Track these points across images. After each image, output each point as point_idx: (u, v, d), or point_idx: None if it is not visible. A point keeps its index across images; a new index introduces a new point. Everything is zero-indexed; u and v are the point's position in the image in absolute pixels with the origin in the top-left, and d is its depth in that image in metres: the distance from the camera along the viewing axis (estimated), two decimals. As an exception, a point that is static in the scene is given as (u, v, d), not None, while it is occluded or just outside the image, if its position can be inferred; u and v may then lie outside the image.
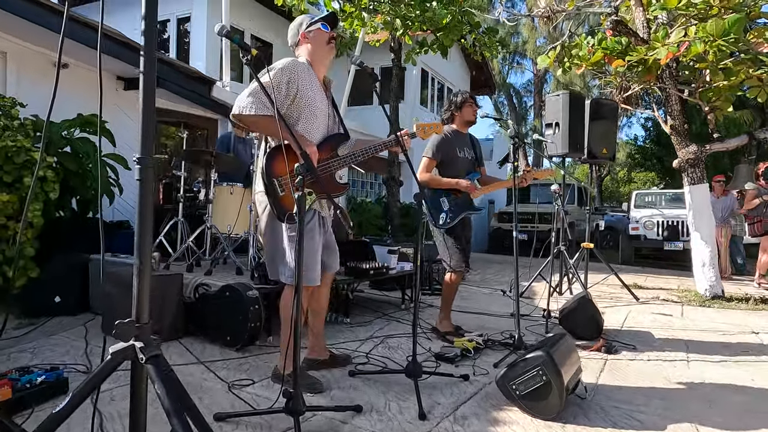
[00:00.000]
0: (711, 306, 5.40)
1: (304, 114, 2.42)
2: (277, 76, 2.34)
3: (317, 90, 2.48)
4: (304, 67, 2.45)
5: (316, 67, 2.54)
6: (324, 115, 2.52)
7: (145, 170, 1.32)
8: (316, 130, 2.48)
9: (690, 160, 5.81)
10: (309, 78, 2.45)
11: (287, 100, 2.37)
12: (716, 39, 4.78)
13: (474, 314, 4.50)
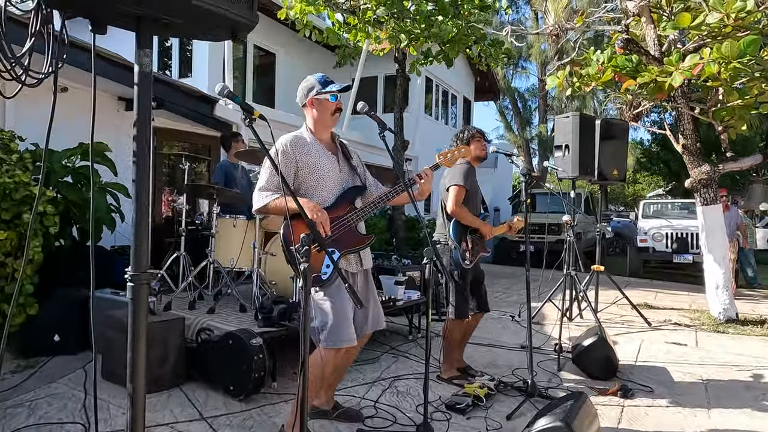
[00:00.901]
0: (726, 332, 5.27)
1: (310, 182, 2.46)
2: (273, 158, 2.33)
3: (320, 154, 2.49)
4: (298, 141, 2.48)
5: (320, 131, 2.56)
6: (332, 175, 2.51)
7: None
8: (327, 191, 2.48)
9: (703, 180, 5.68)
10: (307, 148, 2.48)
11: (289, 177, 2.41)
12: (731, 61, 4.66)
13: (484, 346, 4.39)
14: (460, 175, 3.30)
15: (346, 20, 8.10)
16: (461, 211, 3.27)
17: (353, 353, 2.64)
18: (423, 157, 12.65)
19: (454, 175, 3.34)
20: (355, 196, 2.54)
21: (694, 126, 5.70)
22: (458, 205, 3.25)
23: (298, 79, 9.78)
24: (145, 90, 1.10)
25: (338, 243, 2.40)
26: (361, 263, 2.55)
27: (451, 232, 3.31)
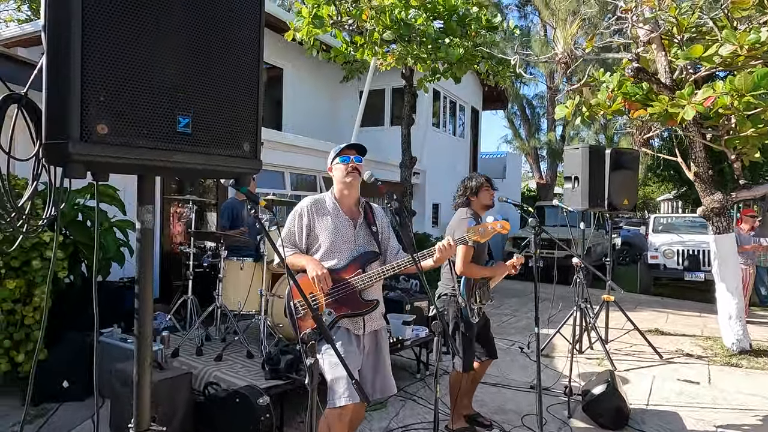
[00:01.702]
0: (739, 364, 5.18)
1: (324, 244, 2.53)
2: (292, 220, 2.60)
3: (337, 219, 2.56)
4: (319, 205, 2.58)
5: (341, 194, 2.60)
6: (346, 239, 2.54)
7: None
8: (339, 254, 2.52)
9: (715, 209, 5.59)
10: (325, 211, 2.56)
11: (303, 237, 2.56)
12: (744, 94, 4.58)
13: (493, 386, 4.35)
14: (463, 225, 3.26)
15: (353, 39, 8.08)
16: (470, 269, 3.23)
17: (359, 415, 2.61)
18: (431, 171, 12.62)
19: (456, 224, 3.31)
20: (368, 261, 2.53)
21: (706, 154, 5.62)
22: (466, 265, 3.22)
23: (306, 93, 9.89)
24: (148, 243, 1.08)
25: (338, 305, 2.43)
26: (365, 327, 2.52)
27: (461, 289, 3.28)
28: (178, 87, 0.95)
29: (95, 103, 0.85)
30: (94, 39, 0.86)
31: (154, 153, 0.93)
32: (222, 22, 1.03)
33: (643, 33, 5.51)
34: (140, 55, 0.90)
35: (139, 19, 0.90)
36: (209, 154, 1.01)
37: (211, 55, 1.01)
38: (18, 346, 3.69)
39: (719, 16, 5.40)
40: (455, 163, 14.32)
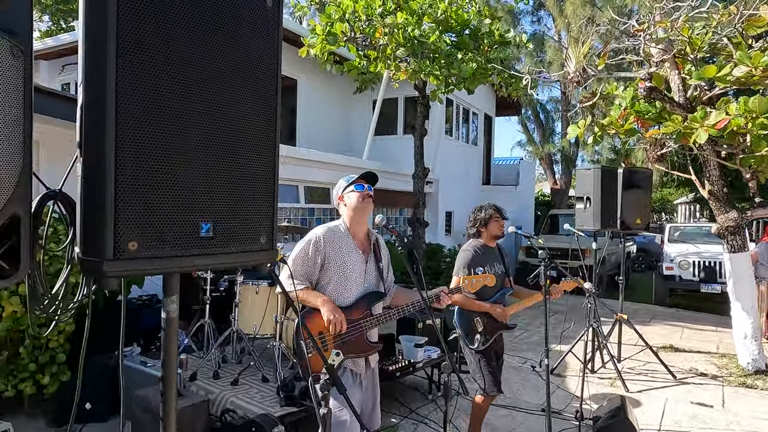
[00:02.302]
0: (754, 385, 5.15)
1: (335, 278, 2.49)
2: (305, 248, 2.48)
3: (350, 252, 2.52)
4: (332, 235, 2.52)
5: (354, 226, 2.58)
6: (357, 276, 2.53)
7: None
8: (348, 291, 2.51)
9: (730, 227, 5.56)
10: (339, 243, 2.51)
11: (316, 268, 2.48)
12: (759, 116, 4.56)
13: (504, 408, 4.39)
14: (464, 264, 3.32)
15: (366, 53, 8.15)
16: (459, 298, 3.26)
17: None
18: (444, 180, 12.64)
19: (457, 264, 3.37)
20: (374, 302, 2.56)
21: (721, 172, 5.58)
22: (460, 296, 3.26)
23: (319, 103, 9.99)
24: (172, 331, 1.16)
25: (345, 346, 2.41)
26: (368, 364, 2.57)
27: (456, 320, 3.34)
28: (201, 197, 1.03)
29: (126, 222, 0.93)
30: (125, 161, 0.94)
31: (178, 260, 1.01)
32: (241, 134, 1.10)
33: (656, 51, 5.50)
34: (168, 175, 0.98)
35: (165, 143, 0.98)
36: (229, 253, 1.09)
37: (231, 163, 1.09)
38: (43, 369, 3.83)
39: (734, 33, 5.37)
40: (468, 171, 14.32)
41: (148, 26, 0.93)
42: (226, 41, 1.08)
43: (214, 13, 1.04)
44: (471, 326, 3.38)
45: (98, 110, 0.93)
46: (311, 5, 7.78)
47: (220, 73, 1.06)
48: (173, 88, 1.00)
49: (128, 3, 0.90)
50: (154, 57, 0.95)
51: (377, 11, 6.94)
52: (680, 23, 5.02)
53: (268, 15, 1.17)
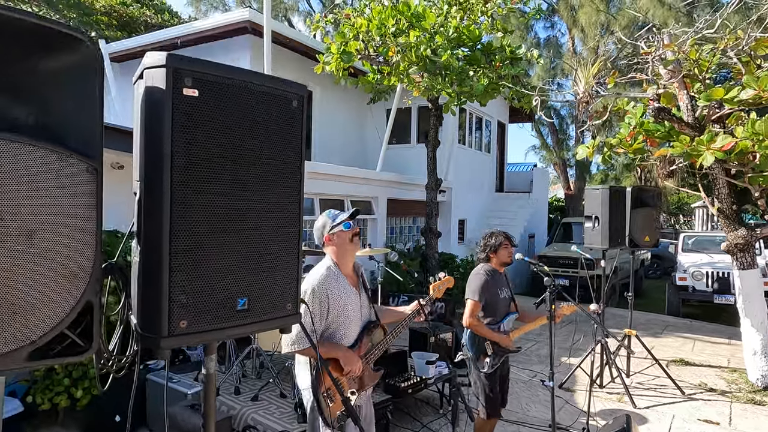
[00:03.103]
0: (762, 402, 5.21)
1: (339, 322, 2.54)
2: (310, 300, 2.43)
3: (346, 291, 2.57)
4: (329, 277, 2.54)
5: (343, 264, 2.62)
6: (356, 311, 2.62)
7: None
8: (352, 330, 2.59)
9: (739, 245, 5.62)
10: (337, 285, 2.54)
11: (323, 319, 2.49)
12: (765, 138, 4.64)
13: (512, 423, 4.53)
14: (477, 288, 3.46)
15: (380, 69, 8.33)
16: (476, 325, 3.42)
17: None
18: (457, 187, 12.77)
19: (470, 287, 3.51)
20: (372, 332, 2.67)
21: (730, 190, 5.65)
22: (473, 318, 3.42)
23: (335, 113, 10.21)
24: (211, 386, 1.35)
25: (358, 384, 2.52)
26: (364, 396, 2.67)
27: (467, 342, 3.50)
28: (238, 278, 1.22)
29: (178, 306, 1.12)
30: (177, 254, 1.13)
31: (219, 332, 1.20)
32: (270, 219, 1.29)
33: (665, 72, 5.59)
34: (210, 263, 1.17)
35: (209, 238, 1.17)
36: (261, 321, 1.28)
37: (262, 247, 1.27)
38: (76, 383, 4.07)
39: (743, 54, 5.44)
40: (482, 178, 14.43)
41: (196, 150, 1.12)
42: (260, 139, 1.27)
43: (251, 121, 1.22)
44: (481, 349, 3.53)
45: (155, 206, 1.13)
46: (327, 24, 7.97)
47: (255, 171, 1.25)
48: (215, 184, 1.19)
49: (180, 136, 1.09)
50: (200, 170, 1.14)
51: (390, 30, 7.12)
52: (687, 46, 5.11)
53: (294, 111, 1.34)
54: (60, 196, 1.02)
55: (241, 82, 1.21)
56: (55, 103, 1.04)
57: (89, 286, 1.08)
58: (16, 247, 0.96)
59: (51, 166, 1.01)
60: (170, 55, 1.10)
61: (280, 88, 1.30)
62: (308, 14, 25.81)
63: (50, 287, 1.02)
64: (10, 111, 0.99)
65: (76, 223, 1.05)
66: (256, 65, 9.86)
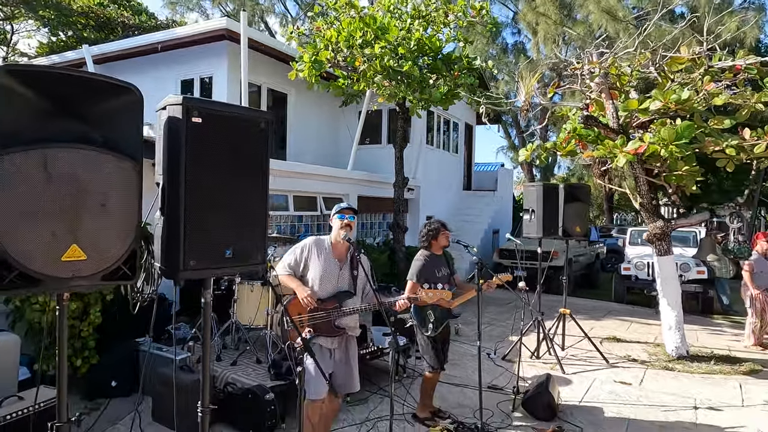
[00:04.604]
0: (674, 368, 6.09)
1: (314, 275, 3.38)
2: (296, 249, 3.41)
3: (329, 259, 3.41)
4: (317, 244, 3.43)
5: (335, 241, 3.45)
6: (331, 278, 3.41)
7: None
8: (324, 287, 3.38)
9: (657, 234, 6.50)
10: (320, 251, 3.41)
11: (300, 265, 3.40)
12: (670, 143, 5.50)
13: (456, 386, 5.29)
14: (416, 271, 4.19)
15: (350, 75, 9.01)
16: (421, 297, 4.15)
17: (332, 406, 3.54)
18: (425, 185, 13.54)
19: (411, 271, 4.24)
20: (344, 299, 3.41)
21: (649, 187, 6.52)
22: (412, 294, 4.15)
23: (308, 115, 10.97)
24: (208, 310, 2.04)
25: (317, 329, 3.30)
26: (340, 345, 3.45)
27: (412, 312, 4.23)
28: (226, 235, 1.91)
29: (189, 251, 1.81)
30: (189, 218, 1.82)
31: (214, 270, 1.89)
32: (246, 197, 1.99)
33: (594, 85, 6.44)
34: (209, 224, 1.87)
35: (208, 207, 1.86)
36: (241, 266, 1.97)
37: (242, 214, 1.97)
38: (77, 353, 4.68)
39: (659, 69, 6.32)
40: (449, 177, 15.25)
41: (200, 156, 1.82)
42: (240, 148, 1.97)
43: (235, 136, 1.92)
44: (424, 317, 4.26)
45: (174, 191, 1.81)
46: (300, 35, 8.63)
47: (236, 165, 1.95)
48: (212, 177, 1.88)
49: (191, 147, 1.79)
50: (204, 164, 1.83)
51: (358, 42, 7.82)
52: (608, 64, 5.95)
53: (261, 130, 2.04)
54: (119, 184, 1.71)
55: (228, 112, 1.91)
56: (115, 126, 1.72)
57: (134, 240, 1.77)
58: (97, 212, 1.65)
59: (113, 165, 1.70)
60: (185, 97, 1.78)
61: (253, 115, 2.01)
62: (284, 16, 26.35)
63: (114, 238, 1.71)
64: (90, 134, 1.68)
65: (128, 200, 1.74)
66: (232, 69, 10.44)
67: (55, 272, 1.58)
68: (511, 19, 21.08)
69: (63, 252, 1.59)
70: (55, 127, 1.57)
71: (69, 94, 1.58)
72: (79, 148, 1.61)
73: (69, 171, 1.59)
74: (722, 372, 5.98)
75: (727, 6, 15.94)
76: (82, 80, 1.61)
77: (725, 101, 5.59)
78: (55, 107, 1.56)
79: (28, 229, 1.53)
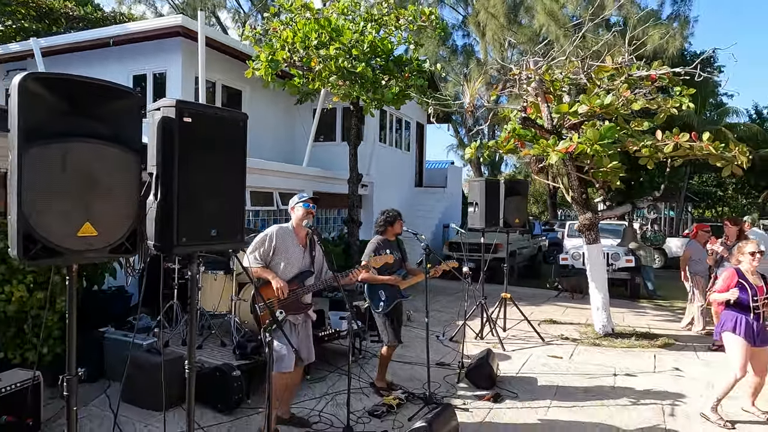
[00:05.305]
0: (600, 344, 6.83)
1: (281, 260, 3.75)
2: (263, 238, 3.72)
3: (293, 244, 3.80)
4: (281, 231, 3.78)
5: (297, 228, 3.84)
6: (297, 260, 3.82)
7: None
8: (290, 270, 3.78)
9: (586, 224, 7.23)
10: (285, 237, 3.79)
11: (268, 253, 3.72)
12: (595, 142, 6.19)
13: (408, 364, 5.77)
14: (370, 252, 4.63)
15: (305, 74, 9.32)
16: (366, 275, 4.56)
17: (297, 377, 3.94)
18: (378, 182, 14.01)
19: (366, 252, 4.67)
20: (306, 278, 3.84)
21: (580, 183, 7.24)
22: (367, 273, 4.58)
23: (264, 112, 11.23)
24: (194, 282, 2.38)
25: (286, 307, 3.66)
26: (304, 319, 3.85)
27: (366, 293, 4.66)
28: (212, 217, 2.27)
29: (181, 230, 2.16)
30: (181, 202, 2.17)
31: (202, 246, 2.24)
32: (228, 185, 2.36)
33: (531, 89, 7.08)
34: (198, 207, 2.22)
35: (196, 193, 2.22)
36: (223, 244, 2.34)
37: (224, 200, 2.33)
38: (43, 342, 4.81)
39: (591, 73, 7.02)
40: (402, 174, 15.79)
41: (189, 149, 2.16)
42: (223, 143, 2.33)
43: (219, 133, 2.28)
44: (376, 296, 4.70)
45: (168, 179, 2.15)
46: (256, 34, 8.87)
47: (220, 158, 2.30)
48: (200, 169, 2.23)
49: (182, 143, 2.13)
50: (193, 157, 2.18)
51: (313, 43, 8.16)
52: (542, 71, 6.59)
53: (240, 128, 2.41)
54: (123, 172, 2.04)
55: (213, 113, 2.27)
56: (120, 124, 2.05)
57: (135, 220, 2.10)
58: (105, 196, 1.98)
59: (119, 155, 2.03)
60: (178, 100, 2.13)
61: (234, 115, 2.38)
62: (236, 11, 26.15)
63: (119, 217, 2.04)
64: (98, 128, 2.00)
65: (130, 186, 2.07)
66: (187, 66, 10.50)
67: (72, 245, 1.90)
68: (460, 22, 21.88)
69: (78, 228, 1.91)
70: (70, 125, 1.89)
71: (83, 96, 1.91)
72: (90, 142, 1.93)
73: (82, 161, 1.90)
74: (641, 346, 6.76)
75: (655, 18, 17.31)
76: (93, 86, 1.93)
77: (642, 106, 6.35)
78: (71, 108, 1.88)
79: (50, 209, 1.84)
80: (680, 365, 5.94)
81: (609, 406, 4.65)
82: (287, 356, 3.62)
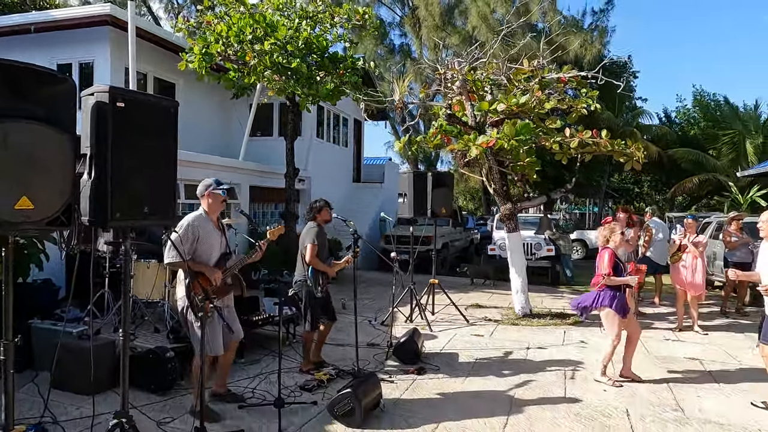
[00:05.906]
0: (518, 323, 7.45)
1: (204, 249, 3.87)
2: (185, 231, 3.73)
3: (211, 230, 3.93)
4: (198, 220, 3.86)
5: (212, 214, 3.97)
6: (217, 244, 3.97)
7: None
8: (212, 255, 3.93)
9: (506, 214, 7.84)
10: (205, 224, 3.89)
11: (193, 244, 3.80)
12: (511, 138, 6.76)
13: (340, 346, 6.09)
14: (312, 236, 4.91)
15: (240, 68, 9.37)
16: (315, 261, 4.86)
17: (229, 357, 4.15)
18: (316, 177, 14.19)
19: (308, 236, 4.94)
20: (227, 260, 4.03)
21: (501, 176, 7.82)
22: (313, 258, 4.85)
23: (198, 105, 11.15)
24: (127, 261, 2.58)
25: (217, 292, 3.86)
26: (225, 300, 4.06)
27: (310, 275, 4.93)
28: (145, 195, 2.48)
29: (114, 205, 2.36)
30: (114, 180, 2.37)
31: (134, 222, 2.44)
32: (160, 165, 2.57)
33: (456, 87, 7.58)
34: (131, 185, 2.42)
35: (130, 172, 2.42)
36: (155, 219, 2.54)
37: (157, 181, 2.54)
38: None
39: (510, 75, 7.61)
40: (340, 170, 16.05)
41: (122, 132, 2.36)
42: (154, 127, 2.53)
43: (150, 119, 2.49)
44: (317, 280, 4.96)
45: (102, 160, 2.34)
46: (189, 27, 8.84)
47: (151, 141, 2.51)
48: (132, 151, 2.43)
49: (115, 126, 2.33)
50: (126, 139, 2.38)
51: (248, 37, 8.27)
52: (465, 71, 7.10)
53: (171, 114, 2.62)
54: (59, 151, 2.22)
55: (145, 99, 2.48)
56: (56, 106, 2.22)
57: (70, 196, 2.28)
58: (42, 176, 2.15)
59: (54, 136, 2.21)
60: (111, 87, 2.32)
61: (165, 102, 2.59)
62: (169, 2, 25.33)
63: (55, 193, 2.21)
64: (35, 111, 2.16)
65: (65, 164, 2.25)
66: (115, 56, 10.24)
67: (10, 218, 2.06)
68: (398, 22, 22.41)
69: (16, 202, 2.08)
70: (10, 107, 2.05)
71: (21, 80, 2.08)
72: (28, 123, 2.10)
73: (21, 140, 2.08)
74: (554, 324, 7.44)
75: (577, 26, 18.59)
76: (30, 71, 2.11)
77: (553, 105, 6.99)
78: (11, 92, 2.05)
79: (-11, 184, 2.00)
80: (585, 339, 6.63)
81: (519, 374, 5.19)
82: (214, 339, 3.81)
